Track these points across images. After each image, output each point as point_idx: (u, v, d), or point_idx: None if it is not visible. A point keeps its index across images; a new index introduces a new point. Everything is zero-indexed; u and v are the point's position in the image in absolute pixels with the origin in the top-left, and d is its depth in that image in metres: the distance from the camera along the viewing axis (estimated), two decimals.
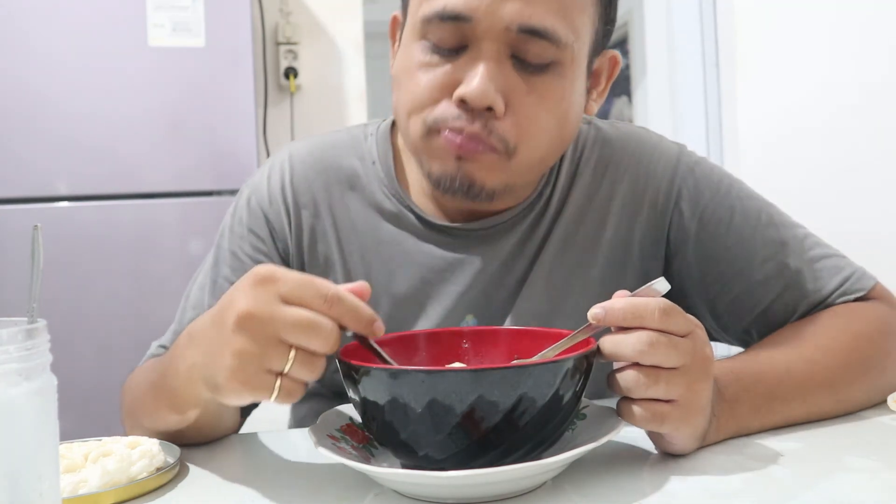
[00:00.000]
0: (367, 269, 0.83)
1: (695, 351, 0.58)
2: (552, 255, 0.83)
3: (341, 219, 0.84)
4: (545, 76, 0.71)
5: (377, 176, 0.85)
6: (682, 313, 0.58)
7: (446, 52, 0.71)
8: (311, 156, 0.87)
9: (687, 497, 0.56)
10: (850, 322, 0.77)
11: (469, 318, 0.83)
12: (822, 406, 0.71)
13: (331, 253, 0.84)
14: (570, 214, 0.84)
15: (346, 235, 0.84)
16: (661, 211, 0.84)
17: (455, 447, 0.55)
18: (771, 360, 0.71)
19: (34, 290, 0.45)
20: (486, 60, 0.69)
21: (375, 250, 0.83)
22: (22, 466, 0.41)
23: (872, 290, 0.82)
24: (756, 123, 2.24)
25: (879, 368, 0.75)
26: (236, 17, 1.95)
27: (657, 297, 0.58)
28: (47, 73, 1.85)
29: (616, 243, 0.84)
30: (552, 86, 0.72)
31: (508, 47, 0.70)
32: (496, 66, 0.70)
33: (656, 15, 2.74)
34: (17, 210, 1.83)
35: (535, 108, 0.72)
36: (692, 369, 0.57)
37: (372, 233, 0.83)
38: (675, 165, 0.85)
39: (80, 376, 1.80)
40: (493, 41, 0.69)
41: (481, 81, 0.69)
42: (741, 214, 0.83)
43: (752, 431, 0.68)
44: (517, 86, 0.71)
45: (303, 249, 0.84)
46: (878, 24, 1.80)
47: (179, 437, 0.70)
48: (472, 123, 0.70)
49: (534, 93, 0.71)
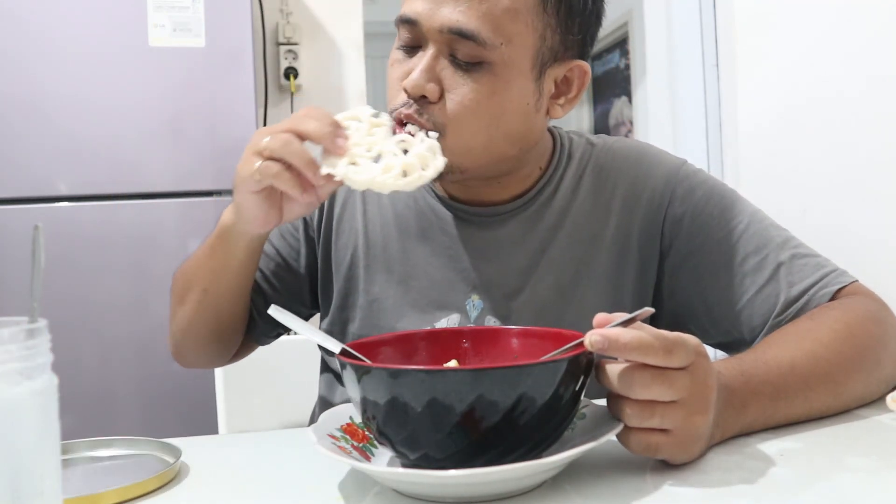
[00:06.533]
0: (385, 241, 0.94)
1: (693, 384, 0.58)
2: (560, 250, 0.91)
3: (369, 194, 0.96)
4: (476, 72, 0.82)
5: None
6: (684, 347, 0.58)
7: (407, 50, 0.85)
8: None
9: (687, 497, 0.56)
10: (843, 314, 0.79)
11: (474, 297, 0.90)
12: (823, 401, 0.72)
13: (356, 224, 0.95)
14: (575, 214, 0.92)
15: (371, 209, 0.96)
16: (657, 208, 0.91)
17: (455, 446, 0.55)
18: (777, 359, 0.72)
19: (35, 290, 0.45)
20: (426, 58, 0.82)
21: (394, 224, 0.94)
22: (23, 465, 0.41)
23: (852, 285, 0.85)
24: (756, 123, 2.24)
25: (875, 359, 0.77)
26: (236, 17, 1.95)
27: (661, 333, 0.57)
28: (48, 73, 1.84)
29: (617, 239, 0.91)
30: (482, 79, 0.82)
31: (446, 47, 0.82)
32: (433, 62, 0.82)
33: (656, 15, 2.74)
34: (17, 210, 1.83)
35: (465, 96, 0.82)
36: (689, 402, 0.58)
37: (391, 208, 0.95)
38: (672, 171, 0.93)
39: (81, 376, 1.80)
40: (433, 41, 0.82)
41: (416, 74, 0.82)
42: (731, 212, 0.90)
43: (756, 431, 0.69)
44: (452, 78, 0.82)
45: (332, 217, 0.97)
46: (877, 24, 1.80)
47: (214, 304, 0.89)
48: (407, 108, 0.83)
49: (466, 85, 0.82)
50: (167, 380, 1.85)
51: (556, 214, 0.92)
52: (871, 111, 1.82)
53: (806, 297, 0.84)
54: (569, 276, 0.90)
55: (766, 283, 0.85)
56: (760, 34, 2.21)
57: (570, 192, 0.93)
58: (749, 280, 0.86)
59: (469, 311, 0.89)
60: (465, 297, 0.90)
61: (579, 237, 0.91)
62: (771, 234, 0.88)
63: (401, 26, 0.85)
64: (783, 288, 0.85)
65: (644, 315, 0.59)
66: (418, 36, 0.83)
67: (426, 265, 0.92)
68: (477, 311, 0.89)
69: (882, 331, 0.79)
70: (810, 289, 0.84)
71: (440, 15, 0.81)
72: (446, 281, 0.91)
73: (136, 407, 1.85)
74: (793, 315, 0.83)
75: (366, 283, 0.93)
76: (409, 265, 0.92)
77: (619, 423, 0.59)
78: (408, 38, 0.84)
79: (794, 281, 0.85)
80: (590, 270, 0.90)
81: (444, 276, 0.91)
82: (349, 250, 0.95)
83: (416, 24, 0.82)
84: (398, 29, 0.86)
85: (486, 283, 0.90)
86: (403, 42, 0.85)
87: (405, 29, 0.84)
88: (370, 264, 0.94)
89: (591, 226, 0.92)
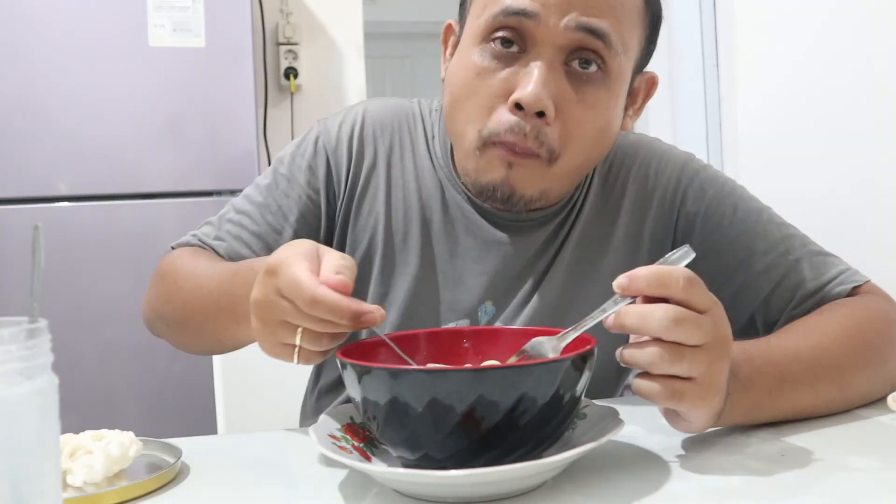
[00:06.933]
0: (407, 229, 0.87)
1: (716, 329, 0.58)
2: (570, 253, 0.87)
3: (395, 177, 0.89)
4: (592, 86, 0.74)
5: (434, 150, 0.90)
6: (703, 286, 0.58)
7: (504, 56, 0.74)
8: (385, 116, 0.92)
9: (687, 497, 0.56)
10: (852, 311, 0.79)
11: (488, 304, 0.86)
12: (829, 393, 0.72)
13: (377, 205, 0.88)
14: (586, 214, 0.88)
15: (396, 193, 0.88)
16: (669, 208, 0.89)
17: (455, 446, 0.55)
18: (781, 345, 0.72)
19: (35, 290, 0.45)
20: (540, 66, 0.72)
21: (418, 213, 0.88)
22: (23, 466, 0.41)
23: (866, 284, 0.85)
24: (756, 123, 2.24)
25: (881, 358, 0.77)
26: (236, 17, 1.95)
27: (680, 267, 0.58)
28: (48, 73, 1.85)
29: (627, 240, 0.88)
30: (598, 96, 0.75)
31: (563, 53, 0.73)
32: (549, 73, 0.72)
33: None
34: (17, 210, 1.83)
35: (581, 116, 0.74)
36: (713, 347, 0.57)
37: (417, 199, 0.88)
38: (682, 168, 0.90)
39: (82, 376, 1.80)
40: (549, 46, 0.72)
41: (536, 86, 0.71)
42: (743, 211, 0.88)
43: (763, 417, 0.68)
44: (567, 93, 0.74)
45: (354, 195, 0.89)
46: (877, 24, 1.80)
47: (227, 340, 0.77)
48: (524, 138, 0.73)
49: (582, 101, 0.74)
50: (167, 380, 1.86)
51: (574, 216, 0.88)
52: (870, 111, 1.82)
53: (822, 293, 0.83)
54: (576, 277, 0.87)
55: (782, 280, 0.84)
56: (760, 34, 2.21)
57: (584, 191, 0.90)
58: (765, 279, 0.85)
59: (480, 318, 0.86)
60: (480, 302, 0.86)
61: (588, 238, 0.88)
62: (784, 233, 0.87)
63: (502, 23, 0.73)
64: (799, 283, 0.84)
65: (683, 255, 0.60)
66: (527, 38, 0.73)
67: (445, 265, 0.87)
68: (488, 317, 0.86)
69: (892, 330, 0.79)
70: (826, 285, 0.83)
71: (569, 8, 0.70)
72: (463, 285, 0.86)
73: (135, 407, 1.85)
74: (809, 309, 0.83)
75: (380, 275, 0.87)
76: (428, 262, 0.87)
77: (620, 423, 0.59)
78: (510, 38, 0.73)
79: (809, 277, 0.84)
80: (597, 272, 0.87)
81: (462, 280, 0.86)
82: (367, 235, 0.88)
83: (532, 18, 0.72)
84: (490, 26, 0.74)
85: (504, 291, 0.86)
86: (500, 45, 0.74)
87: (509, 26, 0.73)
88: (387, 254, 0.87)
89: (601, 226, 0.88)
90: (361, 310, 0.57)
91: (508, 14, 0.72)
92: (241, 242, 0.88)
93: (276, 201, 0.88)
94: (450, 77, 0.81)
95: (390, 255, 0.87)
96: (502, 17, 0.73)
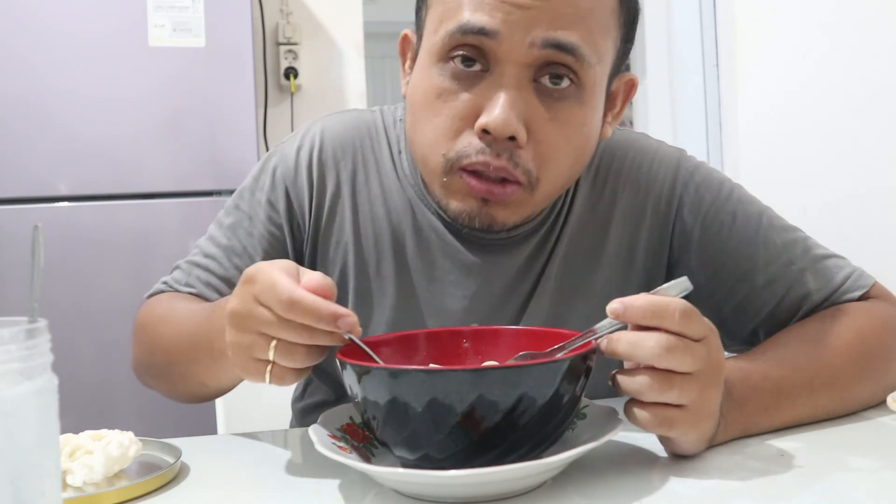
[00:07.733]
0: (379, 257, 0.82)
1: (709, 356, 0.57)
2: (557, 270, 0.82)
3: (362, 202, 0.83)
4: (565, 103, 0.69)
5: (401, 166, 0.84)
6: (699, 316, 0.58)
7: (466, 76, 0.68)
8: (345, 135, 0.85)
9: (687, 497, 0.56)
10: (854, 320, 0.77)
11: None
12: (828, 404, 0.71)
13: (345, 234, 0.83)
14: (572, 226, 0.83)
15: (364, 219, 0.83)
16: (664, 218, 0.84)
17: (455, 446, 0.55)
18: (778, 358, 0.71)
19: (35, 290, 0.45)
20: (507, 87, 0.67)
21: (389, 239, 0.82)
22: (23, 466, 0.41)
23: (873, 288, 0.82)
24: (756, 123, 2.24)
25: (883, 368, 0.75)
26: (236, 17, 1.95)
27: (676, 298, 0.57)
28: (48, 72, 1.84)
29: (619, 252, 0.84)
30: (572, 112, 0.70)
31: (531, 70, 0.67)
32: (517, 93, 0.67)
33: (656, 15, 2.74)
34: (17, 210, 1.83)
35: (555, 135, 0.69)
36: (705, 374, 0.57)
37: (388, 223, 0.83)
38: (676, 171, 0.85)
39: (81, 376, 1.80)
40: (514, 64, 0.66)
41: (503, 110, 0.66)
42: (743, 218, 0.83)
43: (761, 430, 0.68)
44: (538, 112, 0.68)
45: (319, 226, 0.84)
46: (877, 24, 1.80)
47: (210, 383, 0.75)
48: (496, 157, 0.68)
49: (555, 120, 0.69)
50: None
51: (558, 230, 0.83)
52: (870, 111, 1.82)
53: (829, 303, 0.81)
54: (566, 294, 0.82)
55: (787, 294, 0.81)
56: (760, 34, 2.21)
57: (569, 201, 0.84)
58: (768, 293, 0.81)
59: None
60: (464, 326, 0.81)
61: (576, 251, 0.83)
62: (785, 238, 0.83)
63: (460, 41, 0.67)
64: (805, 296, 0.80)
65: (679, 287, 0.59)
66: (489, 56, 0.67)
67: (423, 291, 0.81)
68: None
69: (893, 337, 0.77)
70: (833, 294, 0.81)
71: (532, 26, 0.65)
72: (445, 311, 0.81)
73: (135, 407, 1.85)
74: None
75: (356, 309, 0.79)
76: (405, 290, 0.81)
77: (620, 423, 0.59)
78: (471, 56, 0.67)
79: (815, 288, 0.80)
80: (589, 287, 0.83)
81: (444, 305, 0.81)
82: (337, 268, 0.83)
83: (493, 38, 0.65)
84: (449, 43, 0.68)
85: (488, 312, 0.81)
86: (461, 63, 0.68)
87: (470, 45, 0.67)
88: (361, 286, 0.82)
89: (590, 238, 0.83)
90: (339, 312, 0.56)
91: (466, 32, 0.66)
92: (210, 288, 0.83)
93: (240, 242, 0.84)
94: (410, 96, 0.75)
95: (365, 285, 0.82)
96: (459, 35, 0.67)
